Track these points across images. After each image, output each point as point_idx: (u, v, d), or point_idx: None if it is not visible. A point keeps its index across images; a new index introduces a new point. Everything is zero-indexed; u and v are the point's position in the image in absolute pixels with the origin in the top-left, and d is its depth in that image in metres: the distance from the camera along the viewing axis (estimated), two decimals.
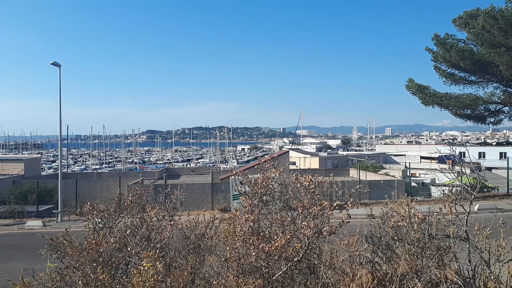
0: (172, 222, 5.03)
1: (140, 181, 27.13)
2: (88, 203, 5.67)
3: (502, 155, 53.98)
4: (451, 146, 5.46)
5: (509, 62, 21.72)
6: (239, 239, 3.97)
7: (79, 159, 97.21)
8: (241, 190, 5.13)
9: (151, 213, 4.99)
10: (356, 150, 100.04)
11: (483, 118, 27.60)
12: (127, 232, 4.66)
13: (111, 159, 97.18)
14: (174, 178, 36.48)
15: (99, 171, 61.43)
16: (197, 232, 5.09)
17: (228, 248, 4.12)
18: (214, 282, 3.97)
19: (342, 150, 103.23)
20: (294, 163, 47.28)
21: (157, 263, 3.56)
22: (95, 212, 5.43)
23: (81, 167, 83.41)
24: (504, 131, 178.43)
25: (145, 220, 4.80)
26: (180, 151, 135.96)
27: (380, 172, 38.09)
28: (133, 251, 4.20)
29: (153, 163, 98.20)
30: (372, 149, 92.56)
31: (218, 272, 4.54)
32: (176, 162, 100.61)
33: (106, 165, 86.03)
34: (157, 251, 4.09)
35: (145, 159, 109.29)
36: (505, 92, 26.28)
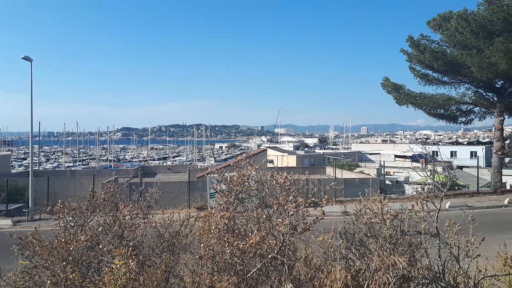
0: (145, 220, 4.95)
1: (114, 179, 26.64)
2: (59, 201, 5.52)
3: (473, 154, 55.82)
4: (423, 145, 5.59)
5: (480, 64, 22.39)
6: (213, 236, 3.95)
7: (52, 157, 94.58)
8: (216, 188, 5.10)
9: (124, 211, 4.90)
10: (332, 149, 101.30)
11: (455, 118, 28.40)
12: (99, 230, 4.56)
13: (85, 156, 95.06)
14: (150, 176, 36.02)
15: (73, 169, 60.04)
16: (171, 230, 5.04)
17: (202, 245, 4.09)
18: (188, 280, 3.94)
19: (319, 148, 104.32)
20: (271, 161, 47.49)
21: (130, 261, 3.50)
22: (66, 210, 5.30)
23: (53, 165, 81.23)
24: (475, 131, 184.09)
25: (118, 218, 4.71)
26: (156, 149, 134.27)
27: (355, 170, 38.72)
28: (105, 249, 4.12)
29: (129, 161, 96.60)
30: (348, 148, 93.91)
31: (193, 270, 4.51)
32: (152, 160, 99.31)
33: (79, 163, 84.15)
34: (130, 249, 4.02)
35: (120, 157, 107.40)
36: (476, 93, 27.12)
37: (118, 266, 3.33)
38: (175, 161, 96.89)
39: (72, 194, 25.33)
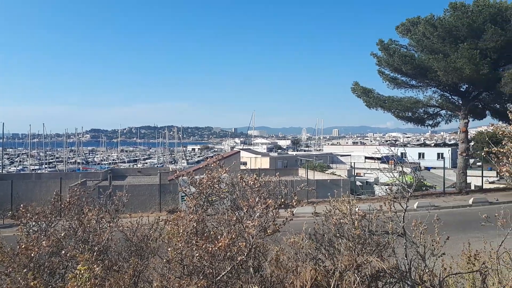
0: (111, 224, 4.81)
1: (82, 182, 25.90)
2: (21, 205, 5.29)
3: (440, 156, 57.65)
4: (390, 147, 5.71)
5: (446, 68, 23.15)
6: (181, 239, 3.87)
7: (16, 159, 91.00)
8: (185, 191, 5.03)
9: (90, 214, 4.75)
10: (305, 151, 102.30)
11: (422, 121, 29.24)
12: (62, 235, 4.40)
13: (52, 159, 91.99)
14: (120, 179, 35.22)
15: (39, 172, 57.95)
16: (139, 234, 4.92)
17: (170, 249, 4.01)
18: (155, 284, 3.85)
19: (292, 150, 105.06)
20: (245, 163, 47.48)
21: (95, 266, 3.38)
22: (29, 214, 5.08)
23: (18, 168, 78.22)
24: (442, 133, 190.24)
25: (83, 223, 4.56)
26: (126, 151, 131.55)
27: (327, 172, 39.25)
28: (68, 255, 3.97)
29: (98, 163, 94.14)
30: (320, 150, 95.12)
31: (162, 274, 4.42)
32: (122, 162, 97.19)
33: (46, 166, 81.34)
34: (95, 254, 3.89)
35: (89, 159, 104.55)
36: (442, 96, 28.03)
37: (81, 271, 3.22)
38: (146, 163, 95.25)
39: (37, 198, 24.39)
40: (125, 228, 5.02)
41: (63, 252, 4.17)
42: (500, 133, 4.53)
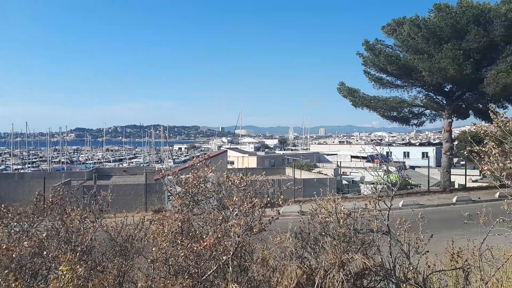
0: (94, 224, 4.75)
1: (66, 182, 25.51)
2: (3, 205, 5.18)
3: (424, 155, 58.49)
4: (374, 146, 5.77)
5: (430, 69, 23.46)
6: (165, 239, 3.84)
7: None
8: (171, 190, 4.99)
9: (72, 214, 4.67)
10: (292, 150, 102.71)
11: (407, 120, 29.59)
12: (44, 235, 4.32)
13: (35, 158, 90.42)
14: (105, 178, 34.84)
15: (22, 171, 56.96)
16: (124, 233, 4.86)
17: (154, 249, 3.97)
18: (140, 285, 3.81)
19: (279, 149, 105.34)
20: (232, 163, 47.46)
21: (78, 266, 3.33)
22: (10, 215, 4.98)
23: (0, 168, 76.73)
24: (427, 132, 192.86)
25: (65, 223, 4.48)
26: (111, 150, 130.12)
27: (314, 171, 39.48)
28: (50, 256, 3.90)
29: (82, 163, 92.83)
30: (307, 149, 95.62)
31: (147, 274, 4.37)
32: (107, 162, 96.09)
33: (29, 165, 79.92)
34: (78, 254, 3.83)
35: (74, 158, 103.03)
36: (427, 96, 28.41)
37: (64, 272, 3.16)
38: (132, 163, 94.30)
39: (20, 198, 23.94)
40: (110, 228, 4.96)
41: (45, 252, 4.09)
42: (481, 132, 4.61)
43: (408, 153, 64.80)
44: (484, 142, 4.43)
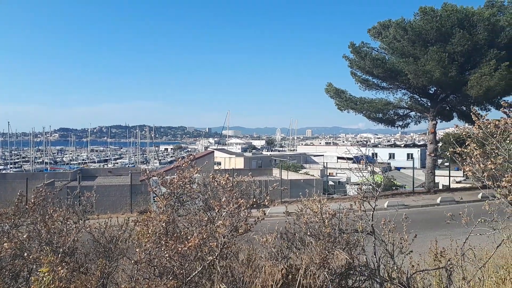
0: (77, 225, 4.67)
1: (50, 183, 25.09)
2: None
3: (409, 156, 59.27)
4: (359, 147, 5.82)
5: (416, 71, 23.77)
6: (149, 240, 3.80)
7: None
8: (155, 191, 4.95)
9: (55, 215, 4.59)
10: (279, 151, 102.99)
11: (393, 122, 29.94)
12: (25, 236, 4.23)
13: (17, 159, 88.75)
14: (90, 179, 34.38)
15: (3, 172, 55.90)
16: (107, 235, 4.80)
17: (138, 250, 3.93)
18: (122, 286, 3.76)
19: (266, 150, 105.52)
20: (219, 163, 47.37)
21: (59, 268, 3.27)
22: None
23: None
24: (412, 134, 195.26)
25: (47, 224, 4.40)
26: (96, 151, 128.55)
27: (300, 172, 39.67)
28: (31, 257, 3.82)
29: (66, 163, 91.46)
30: (294, 150, 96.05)
31: (131, 275, 4.32)
32: (92, 162, 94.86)
33: (11, 166, 78.41)
34: (60, 256, 3.77)
35: (57, 159, 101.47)
36: (412, 98, 28.79)
37: (45, 274, 3.10)
38: (117, 163, 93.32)
39: (2, 199, 23.47)
40: (93, 229, 4.89)
41: (25, 254, 4.01)
42: (463, 134, 4.68)
43: (393, 154, 65.62)
44: (466, 144, 4.51)
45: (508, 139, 4.50)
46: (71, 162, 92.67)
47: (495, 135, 4.50)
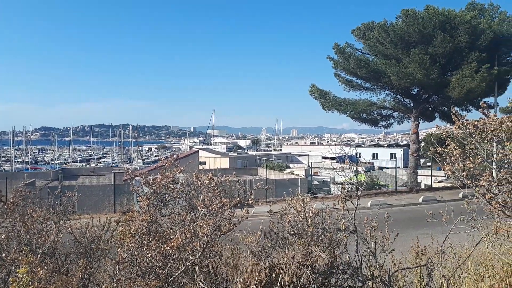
0: (56, 225, 4.60)
1: (30, 183, 24.59)
2: None
3: (392, 156, 60.01)
4: (342, 147, 5.88)
5: (398, 73, 24.13)
6: (131, 240, 3.76)
7: None
8: (138, 191, 4.90)
9: (34, 215, 4.51)
10: (264, 150, 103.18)
11: (376, 122, 30.33)
12: (3, 237, 4.14)
13: None
14: (72, 179, 33.83)
15: None
16: (89, 235, 4.73)
17: (119, 250, 3.89)
18: (104, 287, 3.71)
19: (251, 150, 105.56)
20: (204, 163, 47.15)
21: (39, 269, 3.21)
22: None
23: None
24: (395, 134, 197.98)
25: (26, 224, 4.32)
26: (79, 150, 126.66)
27: (286, 171, 39.82)
28: (9, 258, 3.74)
29: (48, 163, 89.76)
30: (279, 149, 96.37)
31: (113, 276, 4.27)
32: (74, 162, 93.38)
33: None
34: (39, 256, 3.70)
35: (38, 158, 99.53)
36: (394, 98, 29.22)
37: (23, 275, 3.04)
38: (100, 163, 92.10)
39: None
40: (74, 229, 4.81)
41: (3, 254, 3.93)
42: (443, 134, 4.77)
43: (376, 154, 66.42)
44: (446, 144, 4.59)
45: (486, 139, 4.61)
46: (53, 162, 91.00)
47: (474, 135, 4.60)
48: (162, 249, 3.62)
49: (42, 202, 5.61)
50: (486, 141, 4.72)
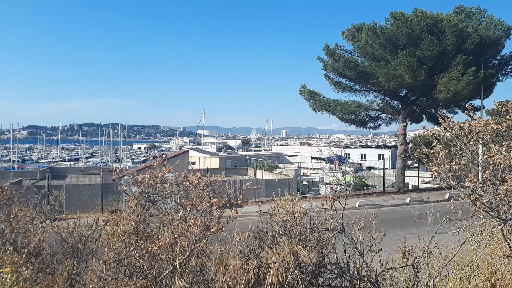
0: (42, 225, 4.55)
1: (16, 182, 24.25)
2: None
3: (380, 157, 60.57)
4: (330, 148, 5.91)
5: (387, 75, 24.36)
6: (118, 239, 3.74)
7: None
8: (126, 190, 4.87)
9: (20, 215, 4.45)
10: (254, 150, 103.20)
11: (365, 123, 30.57)
12: None
13: None
14: (60, 178, 33.44)
15: None
16: (76, 234, 4.69)
17: (106, 249, 3.86)
18: (90, 287, 3.69)
19: (241, 150, 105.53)
20: (194, 163, 47.00)
21: (24, 269, 3.17)
22: None
23: None
24: (383, 135, 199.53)
25: (11, 223, 4.26)
26: (67, 149, 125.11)
27: (275, 172, 39.86)
28: None
29: (35, 162, 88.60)
30: (269, 150, 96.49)
31: (100, 276, 4.24)
32: (62, 161, 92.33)
33: None
34: (24, 256, 3.65)
35: (26, 157, 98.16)
36: (383, 100, 29.50)
37: (8, 275, 3.00)
38: (89, 162, 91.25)
39: None
40: (61, 229, 4.76)
41: None
42: (429, 135, 4.85)
43: (365, 155, 66.93)
44: (433, 145, 4.66)
45: (472, 141, 4.69)
46: (40, 161, 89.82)
47: (460, 137, 4.67)
48: (150, 248, 3.61)
49: (29, 201, 5.54)
50: (472, 143, 4.81)
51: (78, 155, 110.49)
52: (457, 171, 4.30)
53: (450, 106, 28.05)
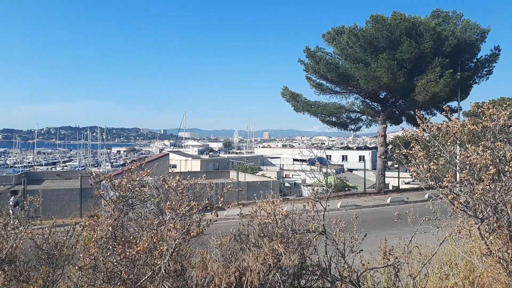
0: (15, 231, 4.39)
1: None
2: None
3: (361, 158, 61.40)
4: (311, 149, 5.93)
5: (366, 77, 24.69)
6: (95, 244, 3.64)
7: None
8: (103, 194, 4.75)
9: None
10: (237, 153, 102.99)
11: (345, 125, 30.89)
12: None
13: None
14: (36, 183, 32.58)
15: None
16: (51, 240, 4.55)
17: (82, 255, 3.75)
18: None
19: (223, 152, 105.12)
20: (175, 166, 46.58)
21: None
22: None
23: None
24: (364, 137, 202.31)
25: None
26: (44, 153, 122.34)
27: (258, 174, 39.86)
28: None
29: (10, 166, 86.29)
30: (251, 152, 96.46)
31: (76, 283, 4.12)
32: (39, 165, 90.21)
33: None
34: None
35: (0, 162, 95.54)
36: (363, 102, 29.87)
37: None
38: (66, 166, 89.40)
39: None
40: (36, 235, 4.61)
41: None
42: (408, 136, 4.90)
43: (346, 156, 67.67)
44: (411, 146, 4.71)
45: (449, 141, 4.76)
46: (16, 165, 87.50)
47: (437, 138, 4.74)
48: (127, 253, 3.52)
49: (2, 207, 5.35)
50: (449, 144, 4.88)
51: (56, 159, 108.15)
52: (436, 171, 4.35)
53: (429, 107, 28.59)
